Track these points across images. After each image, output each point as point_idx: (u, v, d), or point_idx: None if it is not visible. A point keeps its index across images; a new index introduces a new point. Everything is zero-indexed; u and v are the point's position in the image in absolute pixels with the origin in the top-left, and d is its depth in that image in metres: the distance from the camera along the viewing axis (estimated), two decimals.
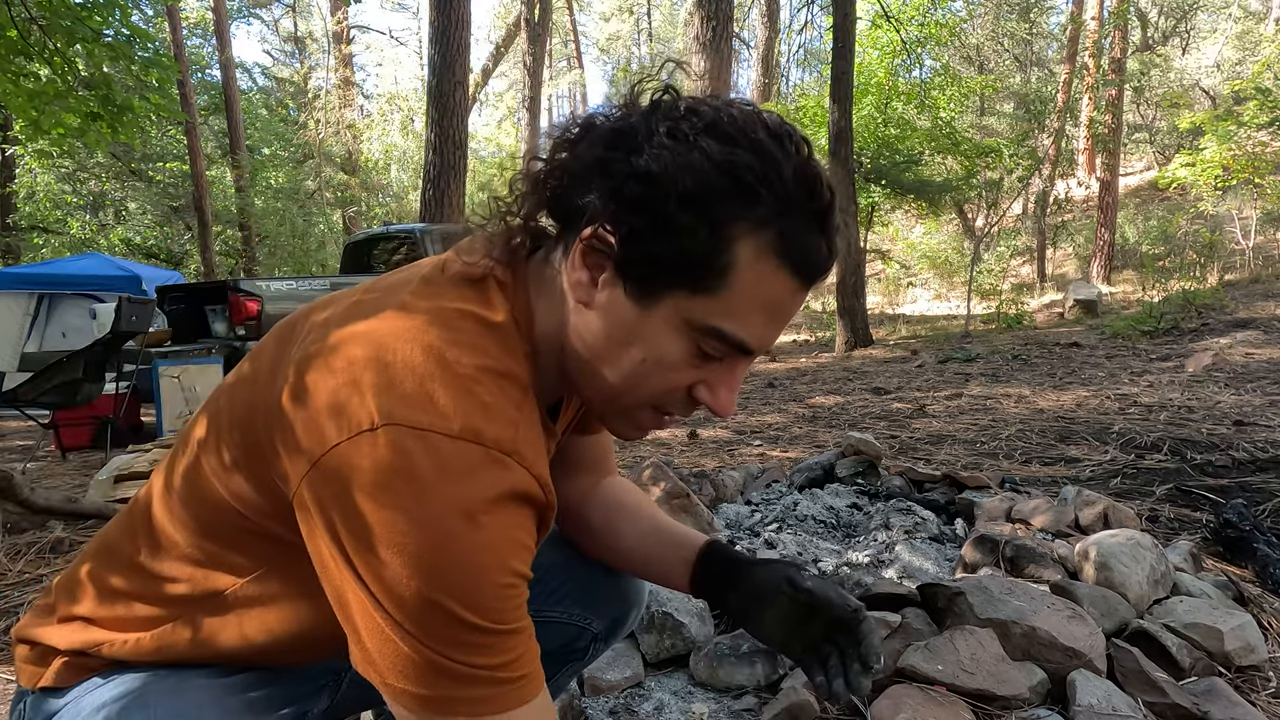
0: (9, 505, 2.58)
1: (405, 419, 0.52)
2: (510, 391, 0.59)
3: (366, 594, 0.53)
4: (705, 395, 0.64)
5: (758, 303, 0.59)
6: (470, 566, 0.52)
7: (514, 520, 0.55)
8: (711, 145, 0.56)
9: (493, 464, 0.54)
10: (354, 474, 0.52)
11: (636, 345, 0.61)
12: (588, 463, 0.94)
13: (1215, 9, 22.09)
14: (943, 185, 12.41)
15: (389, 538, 0.51)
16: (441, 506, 0.51)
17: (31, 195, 17.06)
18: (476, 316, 0.62)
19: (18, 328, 8.31)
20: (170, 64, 5.31)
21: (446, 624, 0.52)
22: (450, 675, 0.53)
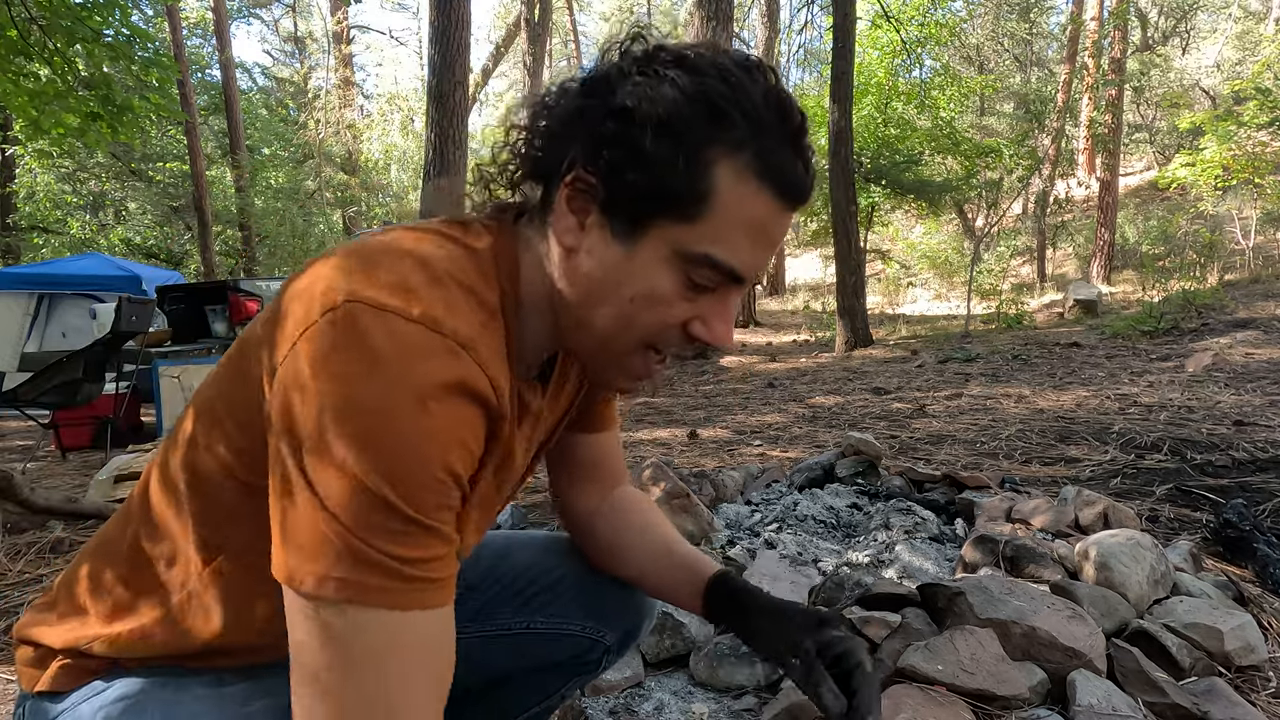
0: (9, 505, 2.58)
1: (368, 298, 0.53)
2: (474, 305, 0.59)
3: (298, 473, 0.52)
4: (700, 330, 0.64)
5: (742, 225, 0.60)
6: (407, 449, 0.52)
7: (461, 416, 0.55)
8: (682, 77, 0.58)
9: (447, 352, 0.54)
10: (314, 349, 0.53)
11: (626, 283, 0.61)
12: (595, 469, 0.93)
13: (1215, 9, 22.09)
14: (943, 185, 12.41)
15: (333, 409, 0.51)
16: (389, 383, 0.51)
17: (31, 195, 17.06)
18: (458, 240, 0.64)
19: (18, 328, 8.31)
20: (170, 64, 5.31)
21: (371, 505, 0.51)
22: (357, 558, 0.51)
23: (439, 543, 0.55)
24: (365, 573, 0.51)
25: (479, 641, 0.90)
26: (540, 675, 0.95)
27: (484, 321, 0.59)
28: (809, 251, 22.27)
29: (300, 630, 0.53)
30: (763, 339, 11.79)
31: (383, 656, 0.52)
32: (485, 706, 0.96)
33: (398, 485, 0.51)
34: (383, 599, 0.52)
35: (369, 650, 0.52)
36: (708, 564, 0.86)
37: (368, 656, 0.52)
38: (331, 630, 0.51)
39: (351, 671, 0.52)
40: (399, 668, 0.53)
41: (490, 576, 0.92)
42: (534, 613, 0.91)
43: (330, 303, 0.54)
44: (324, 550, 0.51)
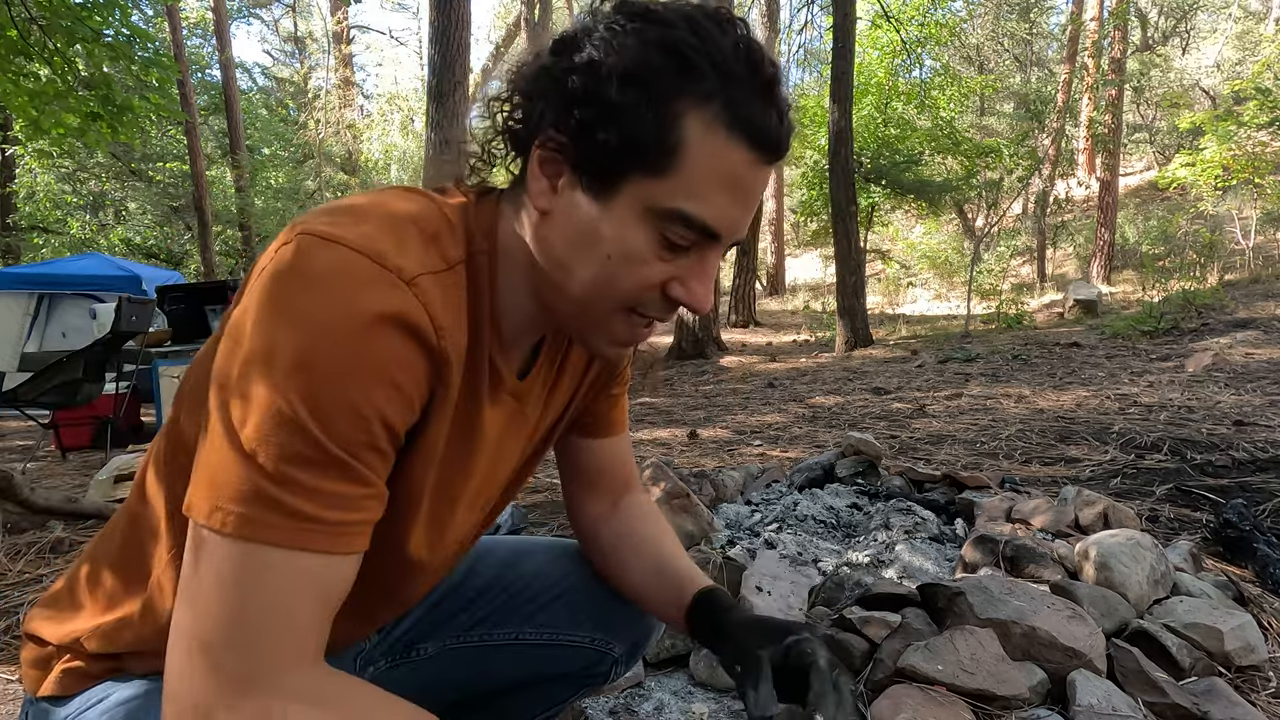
0: (9, 505, 2.58)
1: (317, 229, 0.54)
2: (431, 252, 0.58)
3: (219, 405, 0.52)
4: (679, 291, 0.62)
5: (716, 179, 0.58)
6: (333, 375, 0.51)
7: (396, 354, 0.53)
8: (648, 28, 0.57)
9: (387, 284, 0.53)
10: (260, 282, 0.53)
11: (601, 242, 0.59)
12: (601, 476, 0.91)
13: (1215, 9, 22.09)
14: (943, 185, 12.42)
15: (260, 332, 0.51)
16: (320, 308, 0.51)
17: (31, 195, 17.07)
18: (430, 197, 0.64)
19: (18, 328, 8.31)
20: (170, 64, 5.31)
21: (284, 426, 0.50)
22: (255, 491, 0.50)
23: (351, 483, 0.53)
24: (258, 506, 0.50)
25: (486, 650, 0.89)
26: (547, 684, 0.94)
27: (438, 269, 0.58)
28: (809, 251, 22.27)
29: (189, 551, 0.52)
30: (763, 339, 11.79)
31: (256, 587, 0.51)
32: (490, 714, 0.95)
33: (315, 410, 0.50)
34: (270, 535, 0.50)
35: (243, 578, 0.50)
36: (695, 582, 0.81)
37: (240, 584, 0.50)
38: (214, 554, 0.50)
39: (222, 593, 0.50)
40: (271, 601, 0.51)
41: (498, 584, 0.91)
42: (542, 623, 0.90)
43: (283, 240, 0.55)
44: (224, 481, 0.50)
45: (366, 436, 0.53)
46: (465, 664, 0.89)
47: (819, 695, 0.63)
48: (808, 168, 13.35)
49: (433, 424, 0.61)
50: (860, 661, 1.30)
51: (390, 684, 0.85)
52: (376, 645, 0.85)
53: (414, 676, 0.87)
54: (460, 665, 0.88)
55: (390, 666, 0.86)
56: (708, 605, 0.78)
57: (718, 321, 9.84)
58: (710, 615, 0.77)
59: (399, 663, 0.86)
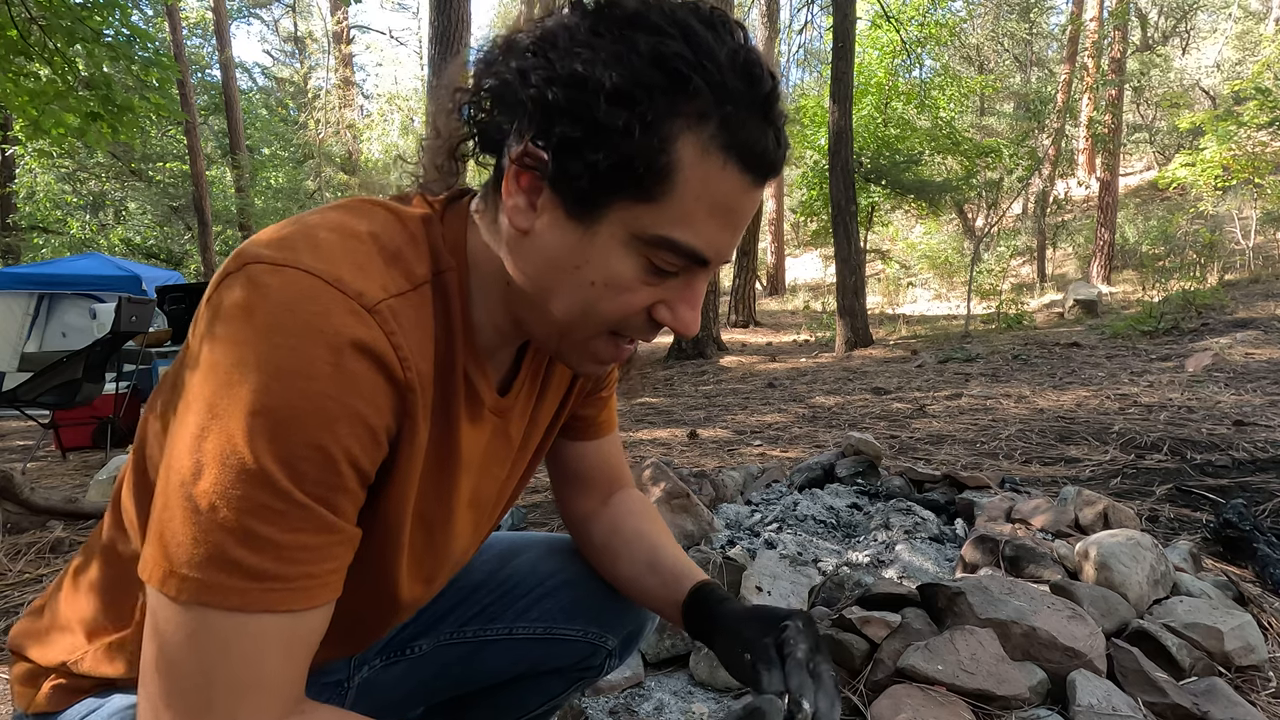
0: (9, 505, 2.58)
1: (265, 256, 0.50)
2: (394, 272, 0.55)
3: (170, 448, 0.48)
4: (665, 315, 0.59)
5: (708, 205, 0.54)
6: (296, 417, 0.47)
7: (361, 389, 0.50)
8: (639, 37, 0.52)
9: (347, 312, 0.49)
10: (206, 317, 0.50)
11: (584, 268, 0.56)
12: (591, 475, 0.91)
13: (1215, 9, 22.09)
14: (943, 185, 12.42)
15: (211, 372, 0.47)
16: (274, 341, 0.47)
17: (31, 195, 17.07)
18: (391, 209, 0.59)
19: (18, 328, 8.31)
20: (170, 64, 5.32)
21: (242, 474, 0.46)
22: (210, 551, 0.46)
23: (319, 532, 0.50)
24: (217, 570, 0.47)
25: (481, 645, 0.89)
26: (542, 679, 0.94)
27: (403, 290, 0.54)
28: (809, 251, 22.27)
29: (148, 613, 0.49)
30: (763, 339, 11.79)
31: (220, 654, 0.48)
32: (486, 708, 0.96)
33: (280, 457, 0.47)
34: (231, 600, 0.47)
35: (205, 645, 0.48)
36: (689, 576, 0.80)
37: (203, 651, 0.48)
38: (172, 622, 0.48)
39: (185, 661, 0.48)
40: (238, 666, 0.48)
41: (491, 581, 0.91)
42: (535, 618, 0.90)
43: (228, 269, 0.51)
44: (179, 542, 0.47)
45: (335, 479, 0.50)
46: (460, 660, 0.89)
47: (798, 686, 0.63)
48: (808, 168, 13.35)
49: (403, 457, 0.57)
50: (860, 661, 1.30)
51: (386, 682, 0.85)
52: (370, 645, 0.85)
53: (409, 674, 0.87)
54: (455, 661, 0.89)
55: (385, 665, 0.86)
56: (703, 599, 0.77)
57: (718, 321, 9.84)
58: (706, 609, 0.76)
59: (394, 661, 0.86)
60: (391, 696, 0.87)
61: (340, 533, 0.52)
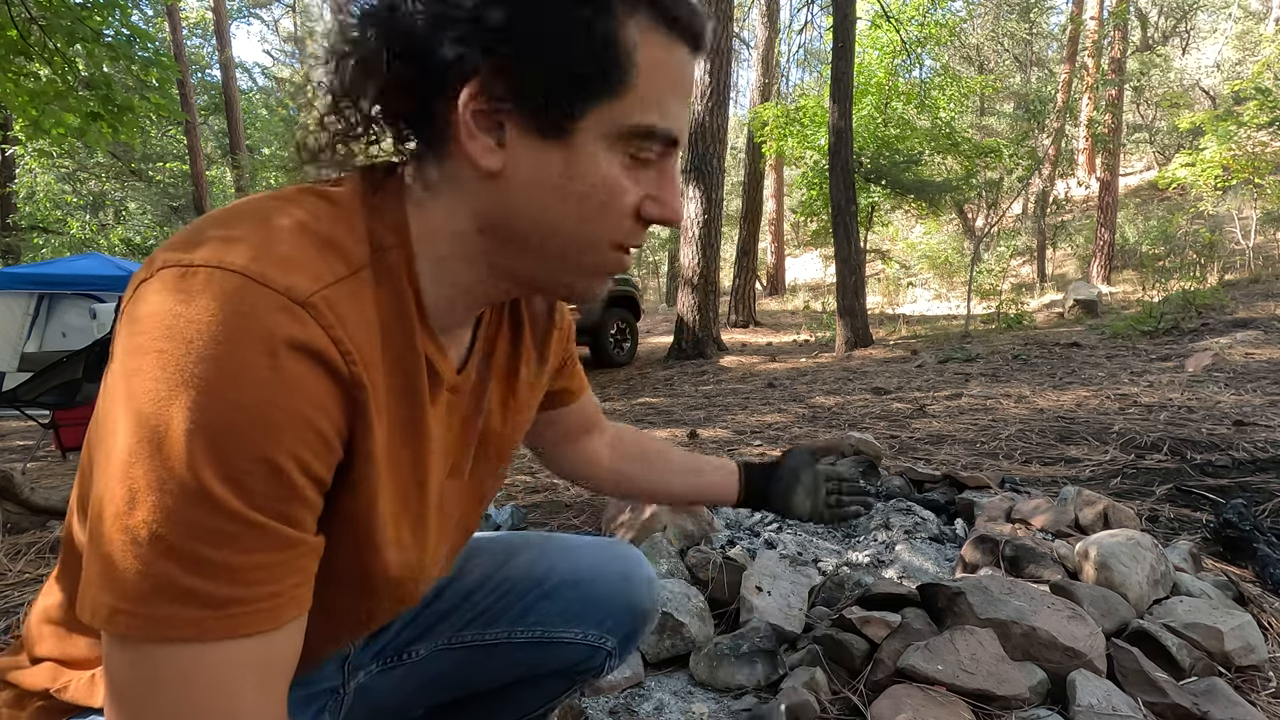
0: (9, 505, 2.58)
1: (182, 258, 0.46)
2: (328, 258, 0.50)
3: (102, 475, 0.45)
4: (654, 210, 0.58)
5: (666, 83, 0.55)
6: (236, 430, 0.43)
7: (303, 389, 0.46)
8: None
9: (278, 309, 0.45)
10: (123, 330, 0.46)
11: (574, 181, 0.54)
12: (581, 424, 0.95)
13: (1215, 9, 22.10)
14: (943, 185, 12.41)
15: (144, 390, 0.43)
16: (202, 349, 0.43)
17: (31, 195, 17.09)
18: (314, 191, 0.55)
19: (18, 328, 8.32)
20: (170, 64, 5.32)
21: (198, 501, 0.43)
22: (154, 582, 0.43)
23: (277, 549, 0.46)
24: (167, 602, 0.43)
25: (479, 649, 0.89)
26: (542, 680, 0.94)
27: (339, 277, 0.50)
28: (809, 251, 22.28)
29: (104, 654, 0.46)
30: (763, 339, 11.79)
31: (183, 690, 0.44)
32: (485, 709, 0.96)
33: (225, 475, 0.43)
34: (187, 632, 0.44)
35: (164, 684, 0.44)
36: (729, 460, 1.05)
37: (163, 690, 0.44)
38: (125, 662, 0.45)
39: (146, 704, 0.44)
40: (205, 700, 0.45)
41: (488, 584, 0.90)
42: (533, 621, 0.90)
43: (138, 276, 0.47)
44: (121, 577, 0.43)
45: (287, 491, 0.46)
46: (457, 664, 0.89)
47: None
48: (808, 168, 13.35)
49: (361, 454, 0.53)
50: (860, 661, 1.30)
51: (383, 687, 0.85)
52: (365, 650, 0.84)
53: (406, 678, 0.87)
54: (453, 666, 0.88)
55: (382, 670, 0.85)
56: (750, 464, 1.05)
57: (718, 321, 9.83)
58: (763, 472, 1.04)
59: (391, 666, 0.86)
60: (389, 701, 0.86)
61: (299, 545, 0.48)
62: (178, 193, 18.08)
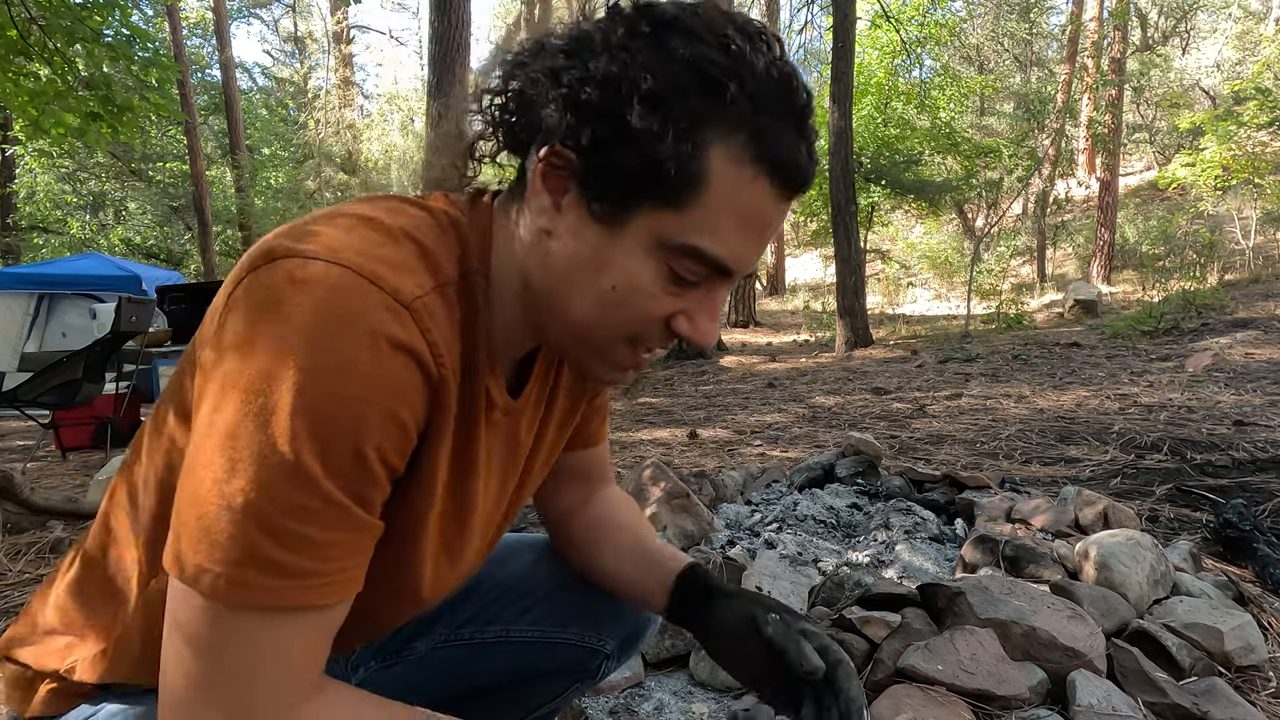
0: (9, 505, 2.58)
1: (299, 249, 0.49)
2: (425, 268, 0.54)
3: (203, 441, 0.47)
4: (684, 326, 0.58)
5: (735, 215, 0.54)
6: (335, 415, 0.46)
7: (398, 385, 0.50)
8: (675, 42, 0.51)
9: (384, 307, 0.49)
10: (233, 312, 0.49)
11: (606, 271, 0.55)
12: (580, 474, 0.91)
13: (1215, 9, 22.10)
14: (943, 185, 12.42)
15: (244, 369, 0.46)
16: (308, 338, 0.46)
17: (31, 195, 17.09)
18: (420, 204, 0.59)
19: (18, 328, 8.32)
20: (170, 64, 5.32)
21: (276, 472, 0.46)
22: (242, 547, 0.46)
23: (352, 529, 0.50)
24: (252, 569, 0.46)
25: (477, 648, 0.89)
26: (540, 681, 0.94)
27: (434, 287, 0.54)
28: (809, 251, 22.27)
29: (175, 604, 0.49)
30: (763, 339, 11.79)
31: (250, 648, 0.48)
32: (484, 708, 0.96)
33: (321, 454, 0.47)
34: (265, 599, 0.47)
35: (235, 641, 0.48)
36: (678, 561, 0.81)
37: (232, 646, 0.48)
38: (202, 618, 0.48)
39: (213, 656, 0.48)
40: (267, 658, 0.49)
41: (488, 583, 0.90)
42: (533, 620, 0.90)
43: (254, 262, 0.50)
44: (212, 540, 0.46)
45: (369, 476, 0.50)
46: (456, 662, 0.89)
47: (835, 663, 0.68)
48: None
49: (428, 451, 0.57)
50: (860, 661, 1.30)
51: (382, 684, 0.85)
52: (367, 647, 0.84)
53: (406, 676, 0.87)
54: (451, 664, 0.88)
55: (382, 667, 0.86)
56: (695, 580, 0.78)
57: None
58: (699, 589, 0.78)
59: (391, 663, 0.86)
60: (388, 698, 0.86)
61: (369, 527, 0.52)
62: (178, 193, 18.07)
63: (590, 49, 0.53)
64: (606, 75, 0.51)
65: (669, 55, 0.51)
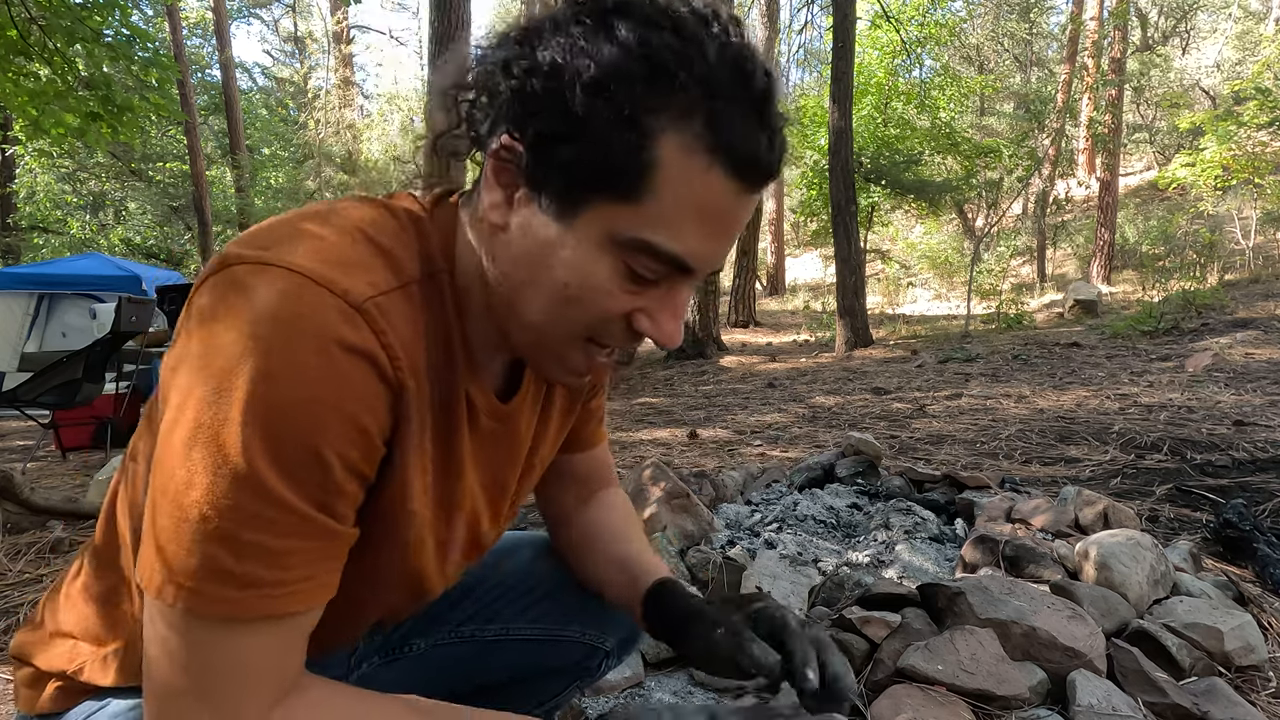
0: (9, 505, 2.58)
1: (247, 256, 0.49)
2: (382, 266, 0.53)
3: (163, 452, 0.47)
4: (645, 325, 0.56)
5: (691, 209, 0.51)
6: (289, 421, 0.46)
7: (353, 389, 0.48)
8: (621, 26, 0.49)
9: (334, 310, 0.48)
10: (190, 321, 0.49)
11: (557, 269, 0.53)
12: (579, 477, 0.91)
13: (1215, 9, 22.10)
14: (943, 185, 12.43)
15: (198, 379, 0.46)
16: (261, 345, 0.45)
17: (31, 195, 17.09)
18: (380, 203, 0.58)
19: (18, 328, 8.31)
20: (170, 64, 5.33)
21: (249, 487, 0.45)
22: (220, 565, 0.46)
23: (316, 537, 0.49)
24: (212, 581, 0.46)
25: (477, 645, 0.89)
26: (539, 679, 0.94)
27: (392, 286, 0.53)
28: (809, 251, 22.27)
29: (148, 614, 0.49)
30: (763, 339, 11.79)
31: (219, 657, 0.48)
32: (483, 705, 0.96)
33: (277, 462, 0.46)
34: (227, 609, 0.47)
35: (201, 650, 0.48)
36: (650, 574, 0.78)
37: (199, 654, 0.48)
38: (170, 629, 0.48)
39: (184, 664, 0.48)
40: (236, 665, 0.49)
41: (488, 581, 0.90)
42: (534, 618, 0.90)
43: (210, 270, 0.50)
44: (173, 552, 0.46)
45: (330, 483, 0.49)
46: (457, 659, 0.89)
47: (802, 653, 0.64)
48: (808, 168, 13.36)
49: (399, 457, 0.56)
50: (860, 661, 1.30)
51: (383, 681, 0.85)
52: (369, 643, 0.85)
53: (407, 673, 0.87)
54: (452, 661, 0.89)
55: (383, 664, 0.86)
56: (664, 594, 0.75)
57: (718, 321, 9.84)
58: (666, 604, 0.74)
59: (391, 660, 0.87)
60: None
61: (336, 536, 0.51)
62: (178, 193, 18.07)
63: (540, 35, 0.51)
64: (550, 64, 0.49)
65: (614, 40, 0.49)
